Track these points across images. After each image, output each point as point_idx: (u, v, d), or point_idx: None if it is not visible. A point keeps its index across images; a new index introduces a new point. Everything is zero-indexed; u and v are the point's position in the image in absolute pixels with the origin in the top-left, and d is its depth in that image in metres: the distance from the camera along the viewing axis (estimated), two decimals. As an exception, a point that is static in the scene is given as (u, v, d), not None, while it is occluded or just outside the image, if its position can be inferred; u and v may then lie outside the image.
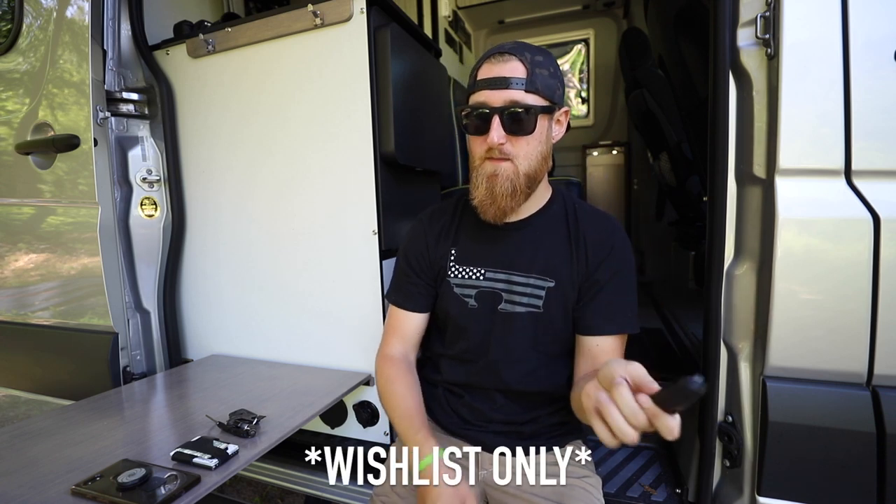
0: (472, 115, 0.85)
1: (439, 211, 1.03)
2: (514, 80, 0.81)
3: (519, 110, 0.81)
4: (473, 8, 3.33)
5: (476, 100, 0.85)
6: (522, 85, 0.81)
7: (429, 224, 1.01)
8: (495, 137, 0.81)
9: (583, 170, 3.43)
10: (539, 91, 0.82)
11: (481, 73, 0.85)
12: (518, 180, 0.84)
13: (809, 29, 0.79)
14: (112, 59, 1.36)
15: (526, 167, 0.84)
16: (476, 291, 0.93)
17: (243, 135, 1.34)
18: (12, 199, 1.46)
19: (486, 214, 0.88)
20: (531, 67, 0.82)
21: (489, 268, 0.93)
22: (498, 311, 0.92)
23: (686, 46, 1.62)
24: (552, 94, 0.84)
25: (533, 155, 0.85)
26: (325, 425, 1.32)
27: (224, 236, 1.42)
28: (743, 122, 0.89)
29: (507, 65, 0.82)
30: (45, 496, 0.73)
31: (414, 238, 1.02)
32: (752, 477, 0.90)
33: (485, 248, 0.95)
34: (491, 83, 0.82)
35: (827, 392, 0.83)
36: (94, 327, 1.37)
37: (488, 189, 0.85)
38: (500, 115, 0.81)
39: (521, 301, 0.90)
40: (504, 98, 0.81)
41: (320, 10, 1.17)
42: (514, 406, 0.94)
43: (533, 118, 0.82)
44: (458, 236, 0.98)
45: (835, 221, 0.80)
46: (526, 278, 0.90)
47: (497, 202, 0.85)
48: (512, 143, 0.83)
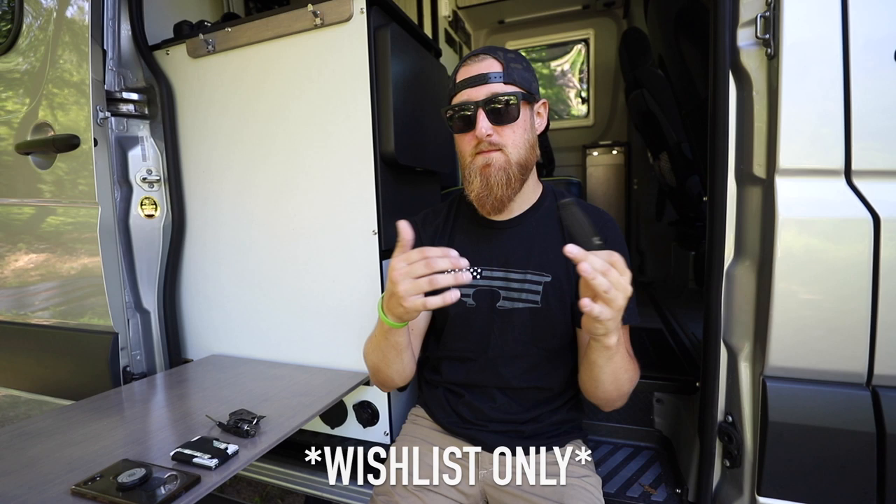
0: (456, 113, 0.88)
1: (432, 214, 1.05)
2: (491, 75, 0.86)
3: (502, 98, 0.84)
4: (473, 8, 3.33)
5: (458, 99, 0.89)
6: (500, 78, 0.86)
7: (422, 227, 1.02)
8: (483, 128, 0.84)
9: (583, 170, 3.43)
10: (517, 82, 0.86)
11: (460, 76, 0.90)
12: (511, 169, 0.87)
13: (809, 29, 0.79)
14: (112, 59, 1.36)
15: (516, 155, 0.87)
16: (474, 290, 0.94)
17: (243, 135, 1.34)
18: (12, 199, 1.46)
19: (485, 207, 0.90)
20: (506, 63, 0.87)
21: (485, 266, 0.94)
22: (497, 309, 0.92)
23: (686, 46, 1.62)
24: (529, 86, 0.89)
25: (521, 142, 0.88)
26: (325, 425, 1.32)
27: (224, 236, 1.42)
28: (743, 122, 0.89)
29: (482, 63, 0.87)
30: (45, 496, 0.73)
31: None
32: (752, 477, 0.90)
33: (480, 248, 0.96)
34: (470, 81, 0.87)
35: (827, 392, 0.83)
36: (94, 327, 1.37)
37: (483, 181, 0.87)
38: (484, 107, 0.85)
39: (519, 297, 0.91)
40: (485, 92, 0.85)
41: (320, 10, 1.17)
42: (514, 405, 0.94)
43: (516, 106, 0.85)
44: (453, 237, 1.00)
45: (835, 221, 0.80)
46: (522, 274, 0.91)
47: (494, 192, 0.87)
48: (499, 133, 0.86)
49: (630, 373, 0.82)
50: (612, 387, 0.82)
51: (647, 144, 2.62)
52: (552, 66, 3.85)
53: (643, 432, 1.34)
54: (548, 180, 2.89)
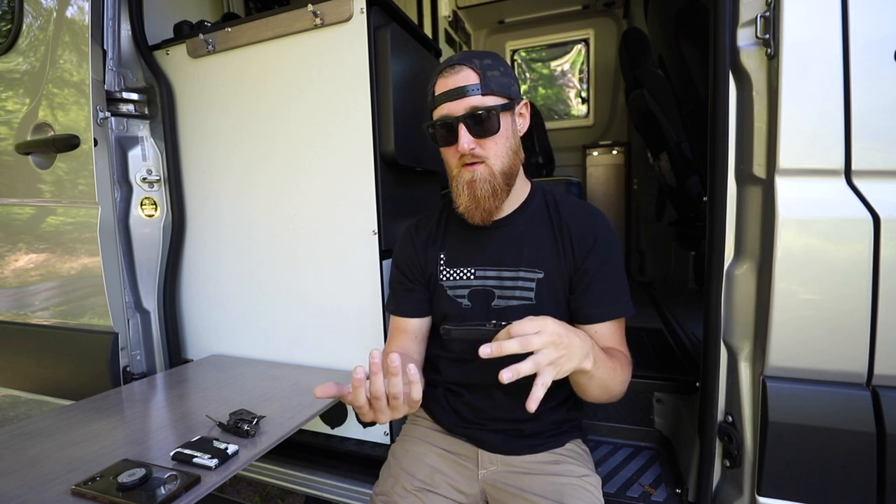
0: (438, 128, 0.89)
1: (425, 219, 1.07)
2: (469, 88, 0.85)
3: (480, 113, 0.84)
4: (473, 8, 3.33)
5: (439, 113, 0.89)
6: (478, 90, 0.85)
7: (415, 233, 1.04)
8: (465, 143, 0.85)
9: (583, 170, 3.43)
10: (495, 91, 0.86)
11: (438, 89, 0.90)
12: (495, 180, 0.88)
13: (809, 29, 0.79)
14: (112, 59, 1.36)
15: (500, 166, 0.88)
16: (468, 291, 0.95)
17: (243, 134, 1.34)
18: (12, 199, 1.47)
19: (474, 219, 0.91)
20: (482, 72, 0.86)
21: (478, 267, 0.95)
22: (492, 308, 0.93)
23: (686, 46, 1.62)
24: (508, 92, 0.88)
25: (503, 152, 0.88)
26: (325, 425, 1.32)
27: (224, 236, 1.42)
28: (743, 122, 0.89)
29: (459, 75, 0.87)
30: (45, 496, 0.73)
31: (403, 248, 1.05)
32: (752, 477, 0.90)
33: (472, 249, 0.97)
34: (449, 95, 0.87)
35: (827, 392, 0.83)
36: (94, 327, 1.37)
37: (470, 195, 0.89)
38: (465, 121, 0.85)
39: (513, 295, 0.92)
40: (464, 106, 0.86)
41: (320, 10, 1.17)
42: (514, 403, 0.94)
43: (495, 118, 0.85)
44: (446, 241, 1.01)
45: (835, 221, 0.80)
46: (515, 272, 0.92)
47: (481, 205, 0.89)
48: (481, 146, 0.87)
49: (619, 377, 0.82)
50: (601, 392, 0.82)
51: (647, 144, 2.61)
52: (552, 66, 3.85)
53: (643, 432, 1.34)
54: (548, 180, 2.88)
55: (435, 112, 0.91)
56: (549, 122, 3.63)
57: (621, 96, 3.33)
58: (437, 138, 0.91)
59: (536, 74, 3.92)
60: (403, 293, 1.02)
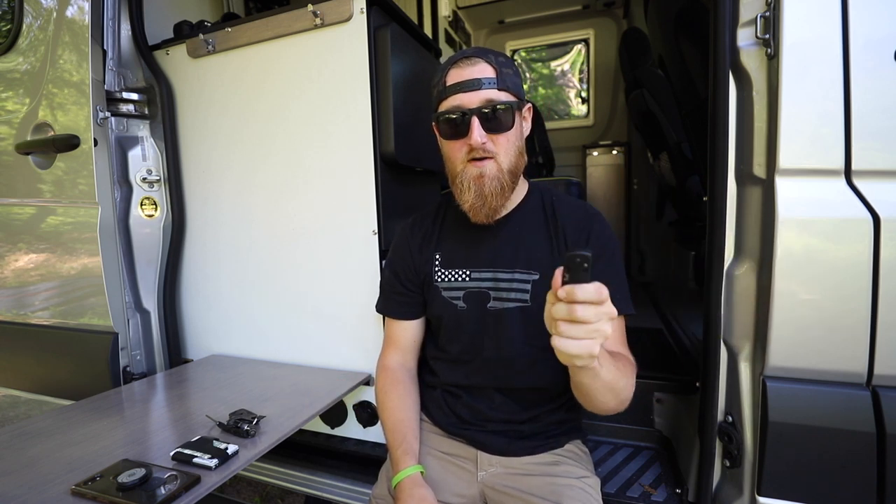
0: (448, 119, 0.86)
1: (420, 218, 1.05)
2: (485, 80, 0.83)
3: (499, 107, 0.83)
4: (473, 8, 3.32)
5: (450, 104, 0.86)
6: (494, 84, 0.84)
7: (411, 232, 1.03)
8: (478, 136, 0.83)
9: (583, 170, 3.43)
10: (509, 88, 0.85)
11: (450, 79, 0.87)
12: (503, 178, 0.86)
13: (809, 29, 0.79)
14: (112, 59, 1.36)
15: (507, 163, 0.87)
16: (464, 293, 0.94)
17: (243, 134, 1.34)
18: (12, 199, 1.46)
19: (478, 216, 0.89)
20: (498, 67, 0.85)
21: (474, 268, 0.94)
22: (488, 310, 0.92)
23: (686, 46, 1.62)
24: (519, 91, 0.87)
25: (512, 151, 0.87)
26: (325, 425, 1.32)
27: (224, 236, 1.42)
28: (743, 122, 0.89)
29: (475, 67, 0.85)
30: (45, 496, 0.73)
31: (397, 247, 1.04)
32: (752, 477, 0.90)
33: (468, 250, 0.96)
34: (464, 86, 0.84)
35: (827, 392, 0.83)
36: (94, 327, 1.37)
37: (477, 191, 0.86)
38: (479, 114, 0.83)
39: (508, 297, 0.91)
40: (480, 98, 0.83)
41: (320, 10, 1.17)
42: (513, 404, 0.94)
43: (510, 114, 0.84)
44: (441, 241, 1.00)
45: (835, 221, 0.80)
46: (510, 273, 0.91)
47: (488, 203, 0.87)
48: (493, 142, 0.85)
49: (625, 379, 0.76)
50: (609, 396, 0.75)
51: (647, 144, 2.61)
52: (552, 66, 3.85)
53: (643, 432, 1.34)
54: (548, 180, 2.87)
55: (444, 103, 0.87)
56: (549, 122, 3.63)
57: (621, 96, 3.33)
58: (442, 130, 0.88)
59: (536, 74, 3.92)
60: (394, 295, 1.02)
